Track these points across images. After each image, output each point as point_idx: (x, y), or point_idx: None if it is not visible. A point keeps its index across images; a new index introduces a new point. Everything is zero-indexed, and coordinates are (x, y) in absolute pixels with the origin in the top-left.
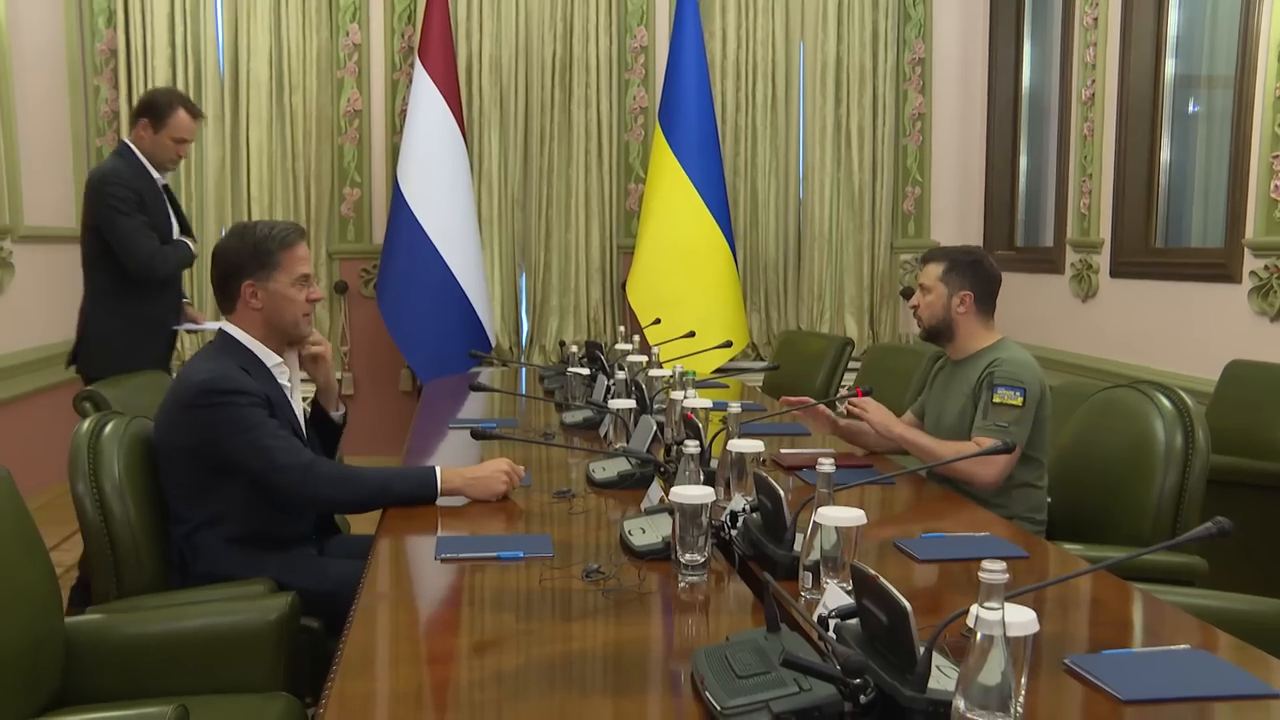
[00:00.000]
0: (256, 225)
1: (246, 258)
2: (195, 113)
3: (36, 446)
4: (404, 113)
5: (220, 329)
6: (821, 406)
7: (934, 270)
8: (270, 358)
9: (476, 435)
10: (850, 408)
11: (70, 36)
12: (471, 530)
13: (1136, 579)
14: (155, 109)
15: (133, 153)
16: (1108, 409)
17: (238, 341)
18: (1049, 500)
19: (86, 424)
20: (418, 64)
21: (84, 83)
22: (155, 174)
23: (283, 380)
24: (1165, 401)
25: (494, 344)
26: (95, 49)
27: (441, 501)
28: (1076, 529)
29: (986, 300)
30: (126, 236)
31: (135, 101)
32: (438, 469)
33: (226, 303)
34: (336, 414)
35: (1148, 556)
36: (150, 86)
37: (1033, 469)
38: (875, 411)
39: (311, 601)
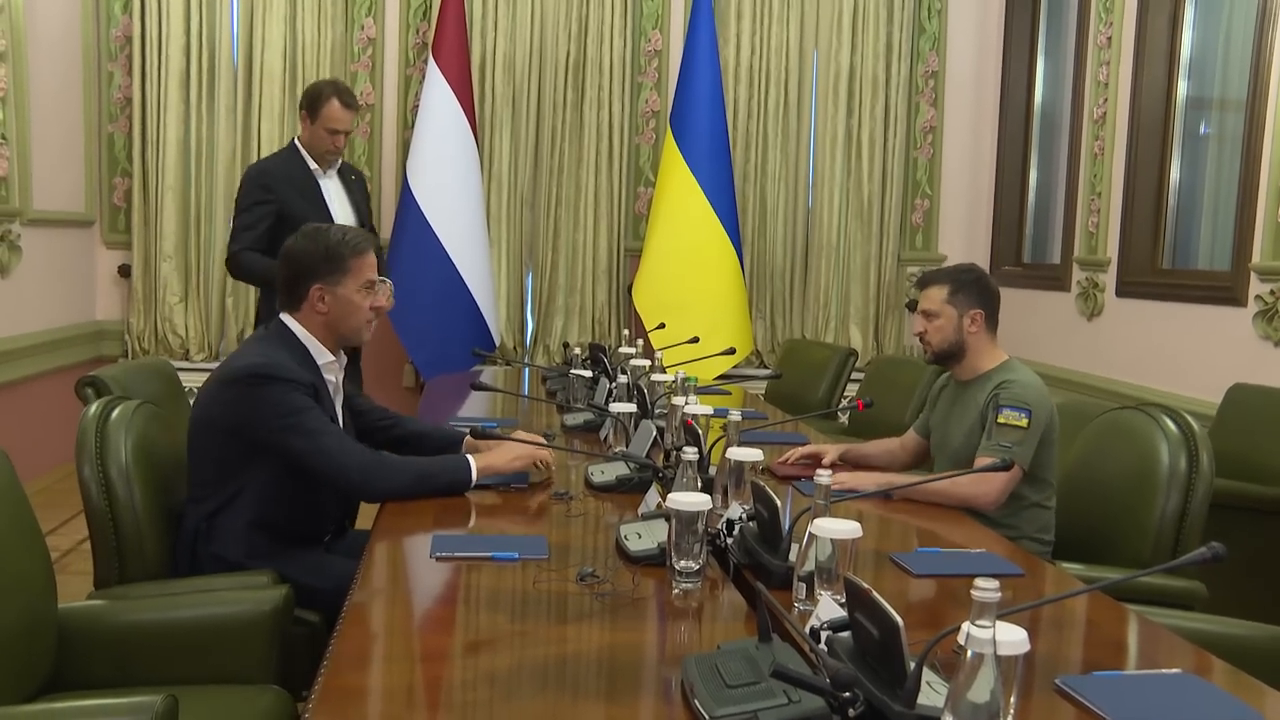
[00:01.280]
0: (329, 229)
1: (319, 261)
2: (349, 103)
3: (37, 431)
4: (416, 108)
5: (277, 318)
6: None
7: (938, 294)
8: (322, 355)
9: (477, 435)
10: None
11: (86, 22)
12: (468, 529)
13: (1134, 601)
14: (309, 99)
15: (296, 148)
16: (1113, 430)
17: (292, 334)
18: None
19: (94, 408)
20: (431, 60)
21: (98, 69)
22: (315, 167)
23: (329, 378)
24: (1170, 424)
25: (498, 343)
26: (111, 35)
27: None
28: (1079, 549)
29: (993, 317)
30: (233, 229)
31: (146, 89)
32: (472, 460)
33: (292, 302)
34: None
35: (1147, 580)
36: (164, 74)
37: (1041, 489)
38: (852, 480)
39: (313, 596)
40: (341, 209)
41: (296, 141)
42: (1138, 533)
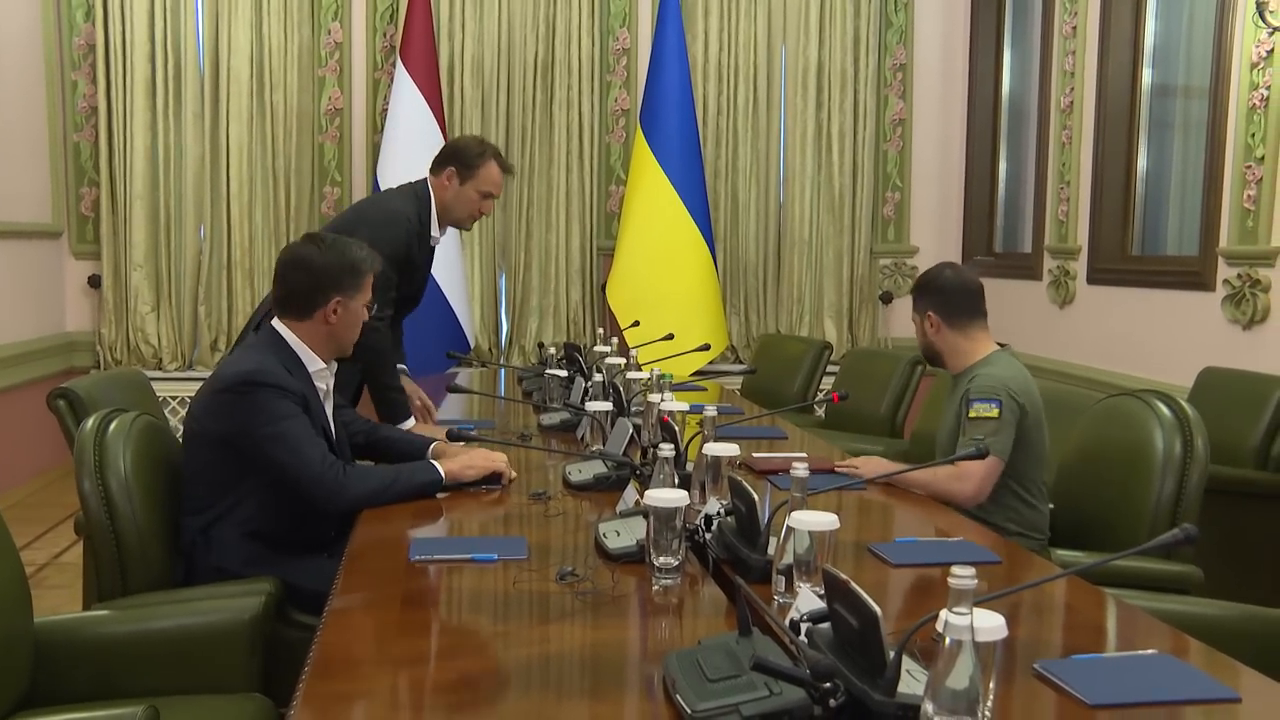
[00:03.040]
0: (349, 244)
1: (344, 275)
2: (507, 167)
3: (9, 445)
4: (385, 112)
5: (268, 324)
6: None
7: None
8: (314, 362)
9: (453, 436)
10: (839, 468)
11: (48, 31)
12: (447, 532)
13: (1129, 587)
14: (465, 156)
15: (428, 202)
16: (1109, 417)
17: (284, 341)
18: (1051, 506)
19: (91, 421)
20: (399, 63)
21: (61, 78)
22: (436, 232)
23: (320, 385)
24: (1165, 410)
25: (473, 345)
26: (73, 43)
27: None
28: (1077, 536)
29: (953, 313)
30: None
31: (111, 97)
32: (438, 464)
33: (304, 310)
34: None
35: (1142, 565)
36: (130, 82)
37: (1028, 489)
38: (867, 465)
39: (318, 601)
40: (422, 282)
41: (431, 194)
42: (1134, 518)
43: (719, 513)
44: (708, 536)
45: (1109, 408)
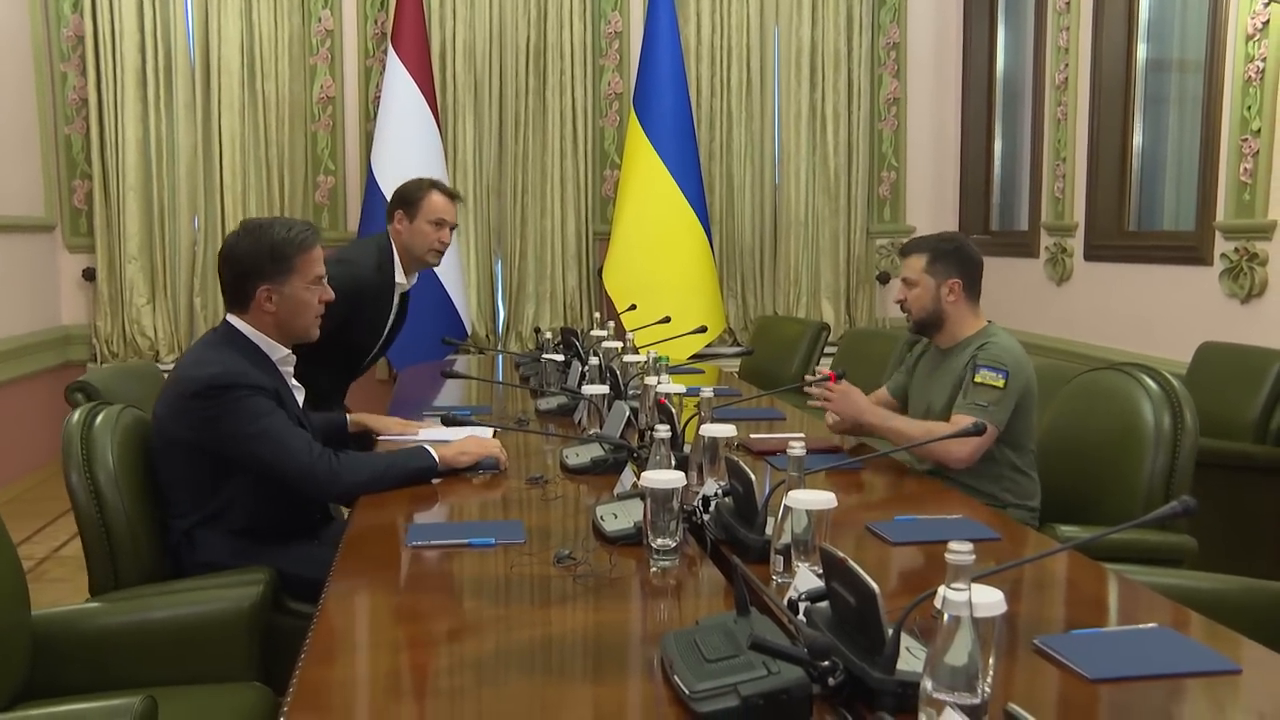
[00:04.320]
0: (272, 225)
1: (264, 261)
2: (451, 195)
3: (6, 439)
4: (378, 99)
5: (225, 319)
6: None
7: (917, 263)
8: (276, 350)
9: (449, 422)
10: (819, 401)
11: (35, 23)
12: (444, 517)
13: (1126, 560)
14: (407, 195)
15: (390, 251)
16: (1092, 391)
17: (242, 335)
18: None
19: (78, 414)
20: (391, 50)
21: (50, 70)
22: (401, 278)
23: (287, 369)
24: (1151, 383)
25: (470, 331)
26: (61, 35)
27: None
28: (1067, 511)
29: (973, 285)
30: None
31: (102, 89)
32: (431, 448)
33: (239, 303)
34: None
35: (1137, 537)
36: (120, 73)
37: (1023, 456)
38: (840, 402)
39: (309, 588)
40: (382, 332)
41: (392, 242)
42: (1127, 492)
43: (716, 494)
44: (705, 518)
45: (1088, 382)
